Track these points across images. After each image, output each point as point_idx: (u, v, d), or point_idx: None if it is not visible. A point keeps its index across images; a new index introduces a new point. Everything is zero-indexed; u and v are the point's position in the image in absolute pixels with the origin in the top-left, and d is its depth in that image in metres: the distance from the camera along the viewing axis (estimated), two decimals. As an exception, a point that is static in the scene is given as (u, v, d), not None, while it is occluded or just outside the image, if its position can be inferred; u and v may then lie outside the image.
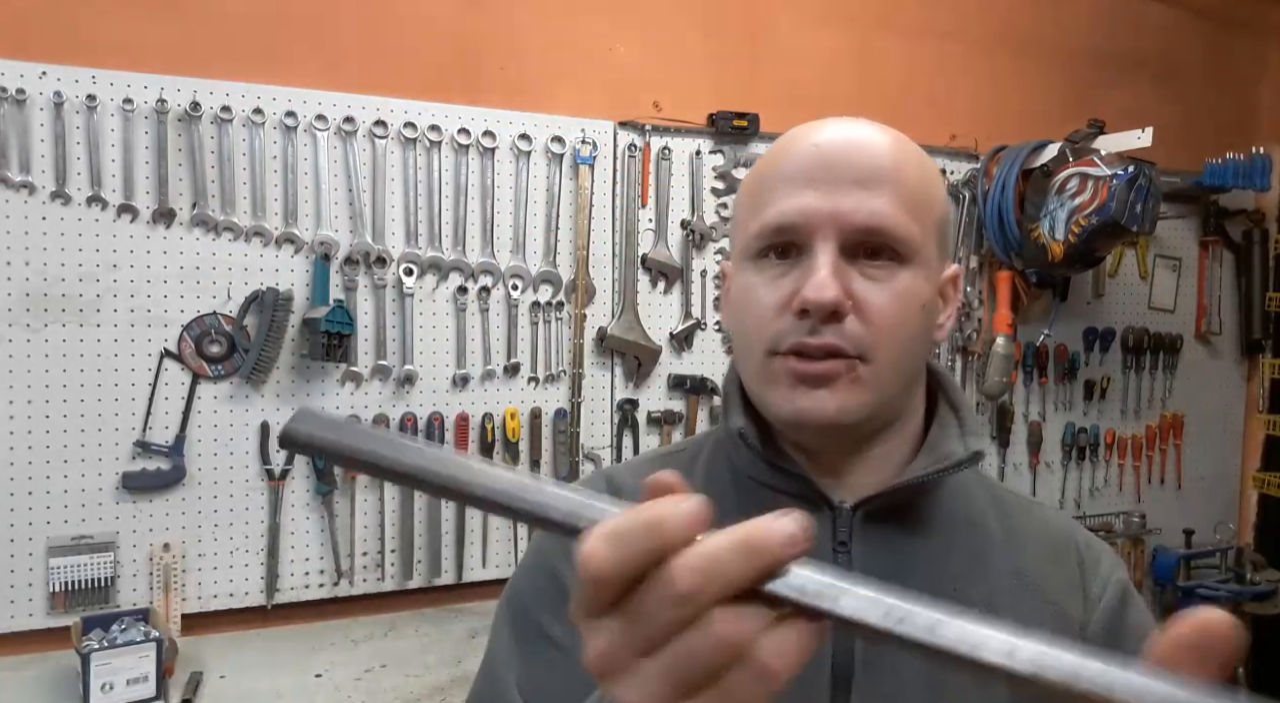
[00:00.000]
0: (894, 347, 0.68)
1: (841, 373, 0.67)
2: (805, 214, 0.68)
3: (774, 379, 0.70)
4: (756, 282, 0.70)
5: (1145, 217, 2.35)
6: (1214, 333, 3.07)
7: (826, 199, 0.67)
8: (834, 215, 0.67)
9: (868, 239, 0.68)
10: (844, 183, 0.68)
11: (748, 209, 0.73)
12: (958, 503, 0.75)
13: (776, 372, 0.69)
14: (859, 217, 0.67)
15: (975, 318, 2.70)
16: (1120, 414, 2.94)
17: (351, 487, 2.09)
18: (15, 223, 1.83)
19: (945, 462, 0.72)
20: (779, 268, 0.70)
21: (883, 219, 0.67)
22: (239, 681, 1.77)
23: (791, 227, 0.68)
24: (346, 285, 2.06)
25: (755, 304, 0.70)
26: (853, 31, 2.59)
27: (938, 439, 0.74)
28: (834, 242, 0.67)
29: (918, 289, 0.69)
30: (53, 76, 1.84)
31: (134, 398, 1.92)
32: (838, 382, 0.67)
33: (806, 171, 0.69)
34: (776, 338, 0.68)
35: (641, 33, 2.36)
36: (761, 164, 0.75)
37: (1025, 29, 2.79)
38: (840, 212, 0.67)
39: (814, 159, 0.69)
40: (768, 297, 0.69)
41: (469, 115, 2.15)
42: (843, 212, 0.67)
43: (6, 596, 1.83)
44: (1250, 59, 3.16)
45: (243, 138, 1.98)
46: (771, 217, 0.69)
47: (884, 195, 0.68)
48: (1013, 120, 2.71)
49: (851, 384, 0.68)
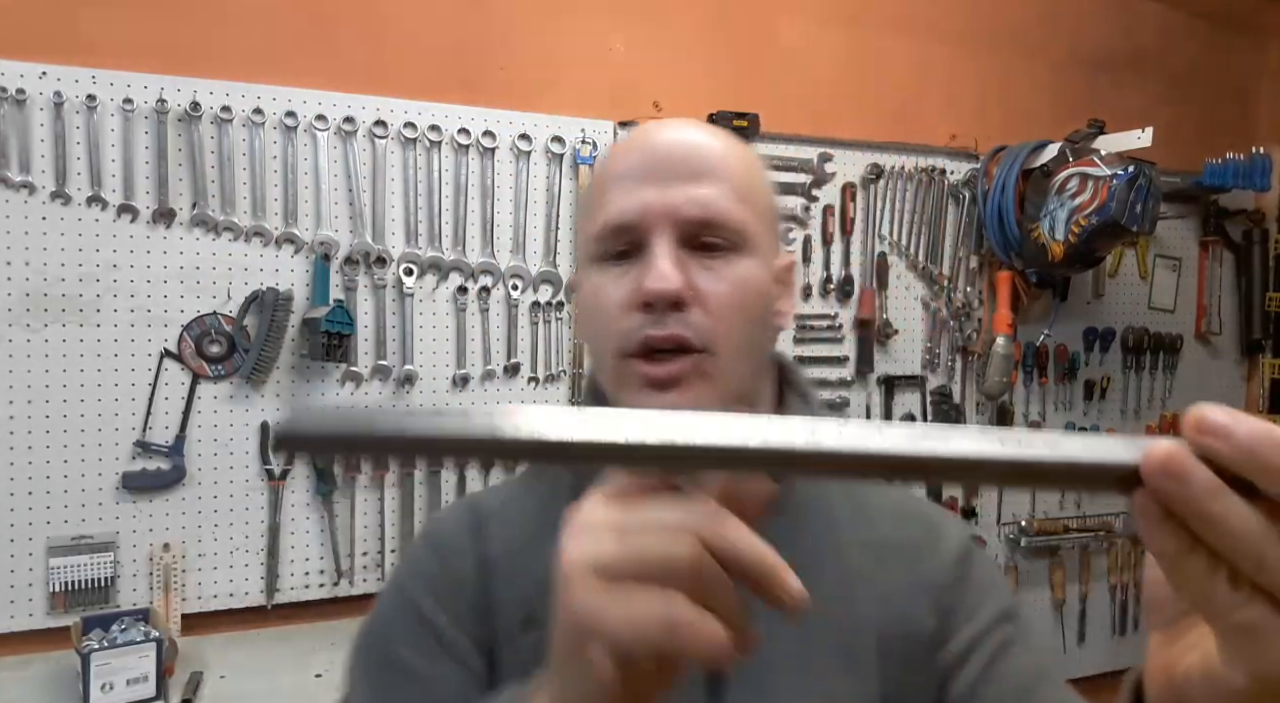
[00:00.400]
0: (737, 335, 0.70)
1: (689, 371, 0.69)
2: (640, 211, 0.70)
3: (626, 383, 0.71)
4: (601, 282, 0.72)
5: (1145, 217, 2.35)
6: (1214, 333, 3.07)
7: (660, 194, 0.70)
8: (667, 208, 0.69)
9: (703, 230, 0.70)
10: (675, 177, 0.70)
11: (586, 215, 0.75)
12: (808, 487, 0.77)
13: (628, 376, 0.70)
14: (692, 207, 0.69)
15: (975, 318, 2.70)
16: (1120, 414, 2.94)
17: (351, 487, 2.09)
18: (15, 223, 1.83)
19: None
20: (622, 267, 0.71)
21: (715, 208, 0.70)
22: (239, 681, 1.77)
23: (629, 225, 0.70)
24: (346, 285, 2.06)
25: (603, 304, 0.71)
26: (853, 31, 2.59)
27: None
28: (670, 234, 0.69)
29: (755, 277, 0.72)
30: (53, 76, 1.84)
31: (134, 398, 1.92)
32: (687, 381, 0.69)
33: (637, 171, 0.71)
34: (625, 336, 0.70)
35: (641, 33, 2.36)
36: (596, 170, 0.78)
37: (1025, 29, 2.79)
38: (674, 204, 0.69)
39: (645, 159, 0.72)
40: (613, 295, 0.71)
41: (469, 115, 2.15)
42: (676, 204, 0.69)
43: (6, 596, 1.83)
44: (1250, 59, 3.16)
45: (243, 138, 1.98)
46: (609, 217, 0.71)
47: (714, 186, 0.70)
48: (1013, 120, 2.71)
49: (700, 380, 0.69)
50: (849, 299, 2.56)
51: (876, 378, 2.60)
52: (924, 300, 2.66)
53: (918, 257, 2.63)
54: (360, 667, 0.75)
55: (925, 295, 2.66)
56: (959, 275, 2.68)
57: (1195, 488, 0.31)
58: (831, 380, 2.54)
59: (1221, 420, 0.32)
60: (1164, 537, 0.33)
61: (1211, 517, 0.32)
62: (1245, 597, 0.32)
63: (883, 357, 2.61)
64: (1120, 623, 2.96)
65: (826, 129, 2.52)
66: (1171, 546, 0.33)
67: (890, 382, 2.61)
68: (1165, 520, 0.33)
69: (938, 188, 2.64)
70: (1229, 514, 0.31)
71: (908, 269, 2.64)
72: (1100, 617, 2.94)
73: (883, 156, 2.58)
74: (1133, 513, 0.34)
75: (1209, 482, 0.32)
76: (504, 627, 0.71)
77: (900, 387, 2.63)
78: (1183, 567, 0.33)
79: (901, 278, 2.63)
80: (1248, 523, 0.32)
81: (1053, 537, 2.79)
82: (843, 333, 2.56)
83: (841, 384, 2.55)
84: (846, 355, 2.57)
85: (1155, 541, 0.33)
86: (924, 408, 2.66)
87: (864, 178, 2.56)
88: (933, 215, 2.64)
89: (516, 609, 0.71)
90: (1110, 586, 2.94)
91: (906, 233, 2.62)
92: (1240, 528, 0.31)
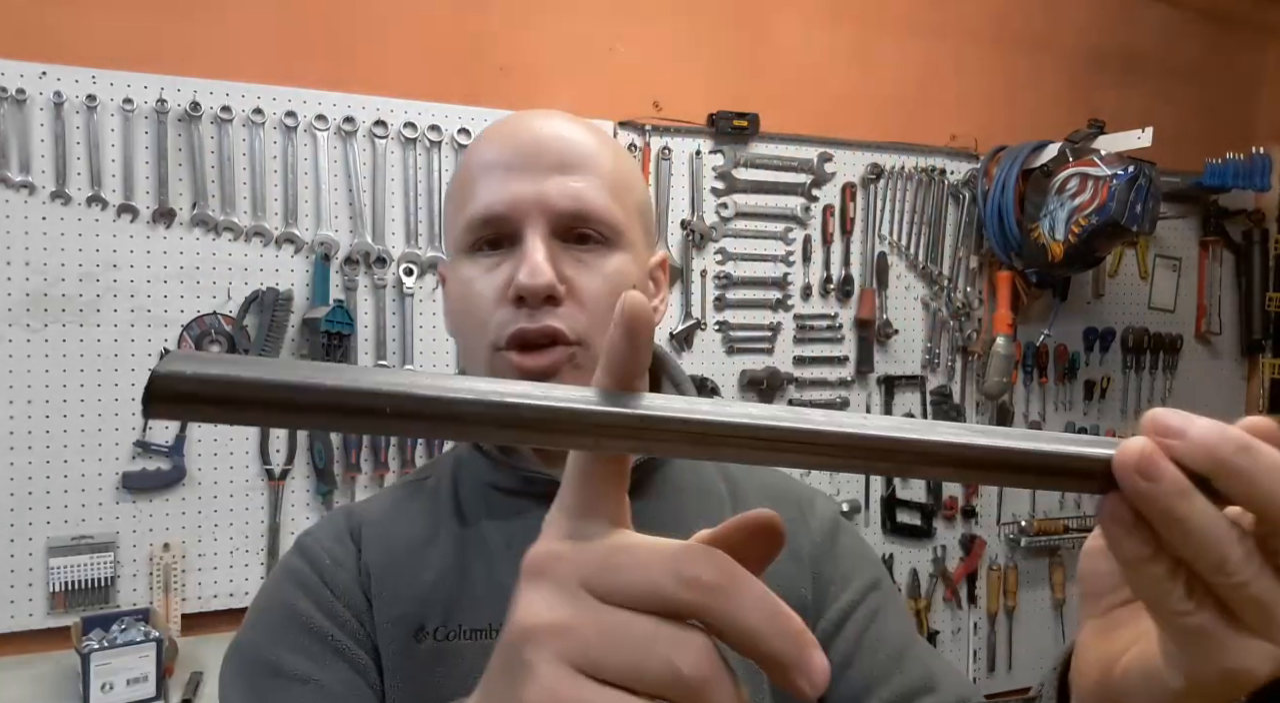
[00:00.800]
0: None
1: (563, 363, 0.68)
2: (511, 202, 0.69)
3: (500, 375, 0.69)
4: (472, 274, 0.71)
5: (1145, 217, 2.35)
6: (1214, 333, 3.07)
7: (531, 185, 0.69)
8: (539, 200, 0.68)
9: (575, 222, 0.69)
10: (546, 169, 0.69)
11: (455, 205, 0.73)
12: (687, 474, 0.78)
13: (501, 370, 0.69)
14: (565, 199, 0.69)
15: (975, 318, 2.70)
16: (1120, 414, 2.94)
17: (351, 486, 2.09)
18: (15, 223, 1.83)
19: None
20: (493, 258, 0.70)
21: (587, 201, 0.69)
22: (239, 681, 1.77)
23: (499, 217, 0.69)
24: (346, 285, 2.06)
25: (474, 297, 0.70)
26: (853, 31, 2.59)
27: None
28: (543, 226, 0.68)
29: (627, 272, 0.71)
30: (53, 76, 1.84)
31: (134, 398, 1.92)
32: (561, 374, 0.68)
33: (508, 161, 0.70)
34: (498, 329, 0.69)
35: (641, 33, 2.36)
36: (465, 158, 0.75)
37: (1025, 29, 2.79)
38: (546, 196, 0.68)
39: (515, 149, 0.71)
40: (485, 288, 0.70)
41: (469, 115, 2.15)
42: (549, 196, 0.68)
43: (6, 596, 1.83)
44: (1250, 59, 3.16)
45: (243, 138, 1.98)
46: (479, 208, 0.70)
47: (586, 179, 0.70)
48: (1013, 120, 2.71)
49: (574, 372, 0.68)
50: (849, 299, 2.56)
51: (876, 378, 2.60)
52: (924, 300, 2.66)
53: (918, 257, 2.63)
54: (239, 682, 0.70)
55: (925, 295, 2.66)
56: (959, 275, 2.68)
57: (1166, 486, 0.31)
58: (831, 381, 2.54)
59: (1177, 422, 0.32)
60: (1132, 543, 0.32)
61: (1179, 518, 0.31)
62: (1198, 602, 0.32)
63: (883, 357, 2.61)
64: (1120, 623, 2.96)
65: (826, 129, 2.52)
66: (1138, 551, 0.32)
67: (890, 382, 2.62)
68: (1135, 525, 0.32)
69: (938, 188, 2.64)
70: (1196, 514, 0.31)
71: (908, 269, 2.64)
72: (1100, 617, 2.94)
73: (883, 156, 2.58)
74: (1101, 519, 0.33)
75: (1179, 481, 0.31)
76: (390, 635, 0.69)
77: (900, 387, 2.63)
78: (1144, 571, 0.33)
79: (901, 278, 2.63)
80: (1214, 525, 0.31)
81: (1053, 537, 2.79)
82: (843, 333, 2.56)
83: (841, 384, 2.55)
84: (846, 355, 2.57)
85: (1123, 546, 0.33)
86: (924, 408, 2.66)
87: (864, 178, 2.56)
88: (933, 215, 2.64)
89: (402, 619, 0.69)
90: (1110, 586, 2.94)
91: (906, 233, 2.62)
92: (1206, 529, 0.31)
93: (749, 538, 0.34)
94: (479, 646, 0.68)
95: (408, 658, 0.68)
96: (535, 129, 0.72)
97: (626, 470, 0.34)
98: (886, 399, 2.61)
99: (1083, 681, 0.41)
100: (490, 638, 0.67)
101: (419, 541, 0.73)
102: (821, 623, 0.74)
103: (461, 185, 0.73)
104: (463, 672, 0.67)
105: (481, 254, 0.71)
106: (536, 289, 0.66)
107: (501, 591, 0.68)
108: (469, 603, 0.69)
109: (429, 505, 0.75)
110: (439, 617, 0.69)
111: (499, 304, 0.69)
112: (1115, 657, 0.39)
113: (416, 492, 0.77)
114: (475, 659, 0.67)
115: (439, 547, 0.72)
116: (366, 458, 2.09)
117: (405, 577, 0.71)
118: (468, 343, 0.73)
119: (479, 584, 0.70)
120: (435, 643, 0.68)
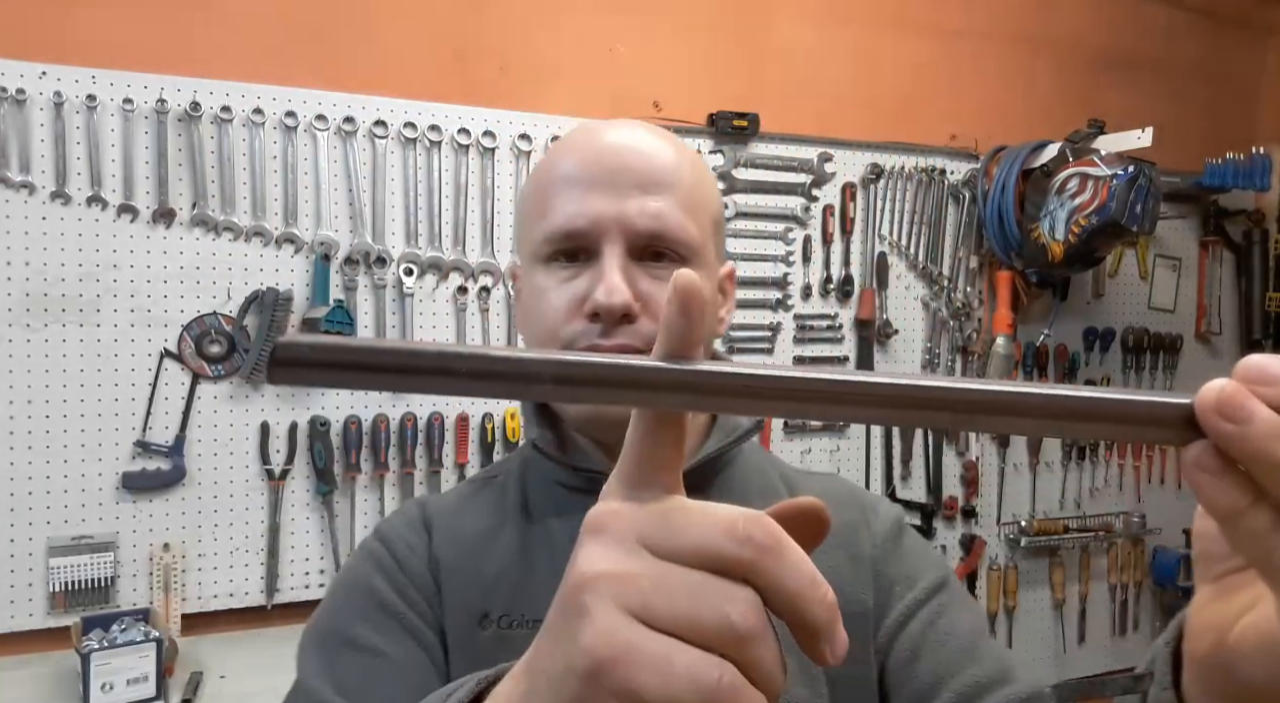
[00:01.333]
0: None
1: None
2: (591, 219, 0.70)
3: None
4: (547, 285, 0.72)
5: (1145, 217, 2.35)
6: (1214, 333, 3.07)
7: (611, 203, 0.70)
8: (619, 219, 0.69)
9: (653, 242, 0.70)
10: (627, 187, 0.70)
11: (533, 212, 0.74)
12: (751, 477, 0.79)
13: None
14: (644, 220, 0.70)
15: (975, 318, 2.70)
16: (1120, 414, 2.94)
17: (351, 487, 2.09)
18: (15, 223, 1.83)
19: (734, 434, 0.77)
20: (569, 271, 0.71)
21: (665, 222, 0.70)
22: (239, 681, 1.77)
23: (579, 232, 0.70)
24: (346, 285, 2.06)
25: (547, 308, 0.72)
26: (853, 31, 2.59)
27: (724, 417, 0.78)
28: (621, 245, 0.70)
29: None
30: (53, 76, 1.84)
31: (134, 398, 1.92)
32: None
33: (590, 176, 0.71)
34: (570, 342, 0.70)
35: (641, 33, 2.36)
36: (544, 166, 0.76)
37: (1025, 29, 2.79)
38: (626, 216, 0.70)
39: (597, 164, 0.72)
40: (558, 300, 0.71)
41: (469, 115, 2.15)
42: (628, 215, 0.70)
43: (6, 596, 1.83)
44: (1250, 59, 3.16)
45: (243, 138, 1.98)
46: (559, 221, 0.71)
47: (665, 199, 0.71)
48: (1013, 120, 2.71)
49: None
50: (849, 299, 2.56)
51: (876, 378, 2.60)
52: (924, 300, 2.66)
53: (918, 257, 2.63)
54: (314, 650, 0.72)
55: (925, 295, 2.66)
56: (959, 275, 2.68)
57: (1259, 428, 0.29)
58: (831, 380, 2.54)
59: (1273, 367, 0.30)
60: (1224, 492, 0.30)
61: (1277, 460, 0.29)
62: None
63: (883, 357, 2.61)
64: (1120, 623, 2.96)
65: (826, 129, 2.52)
66: (1231, 501, 0.30)
67: (890, 382, 2.61)
68: (1224, 473, 0.30)
69: (938, 188, 2.64)
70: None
71: (908, 269, 2.64)
72: (1100, 617, 2.94)
73: (883, 156, 2.58)
74: (1186, 468, 0.31)
75: (1274, 422, 0.29)
76: (456, 620, 0.72)
77: (900, 387, 2.63)
78: (1243, 524, 0.31)
79: (901, 278, 2.63)
80: None
81: (1053, 537, 2.79)
82: (843, 333, 2.56)
83: (841, 384, 2.55)
84: (846, 355, 2.57)
85: (1213, 496, 0.31)
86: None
87: (864, 178, 2.56)
88: (933, 215, 2.64)
89: (467, 606, 0.72)
90: (1110, 585, 2.94)
91: (906, 233, 2.62)
92: None
93: (797, 520, 0.36)
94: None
95: (471, 643, 0.71)
96: (618, 144, 0.73)
97: (682, 442, 0.35)
98: (886, 399, 2.61)
99: (1195, 649, 0.39)
100: None
101: (486, 532, 0.75)
102: (886, 622, 0.73)
103: (540, 194, 0.74)
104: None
105: (557, 265, 0.72)
106: (613, 308, 0.68)
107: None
108: (532, 594, 0.71)
109: (497, 500, 0.78)
110: (502, 606, 0.71)
111: (572, 317, 0.70)
112: (1230, 623, 0.37)
113: (485, 487, 0.80)
114: None
115: (504, 539, 0.75)
116: (366, 458, 2.09)
117: (472, 566, 0.73)
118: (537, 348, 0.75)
119: (542, 576, 0.71)
120: (499, 630, 0.71)
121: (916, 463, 2.66)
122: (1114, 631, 2.96)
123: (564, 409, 0.75)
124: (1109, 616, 2.95)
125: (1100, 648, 2.93)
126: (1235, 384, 0.30)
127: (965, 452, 2.73)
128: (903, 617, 0.74)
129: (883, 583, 0.75)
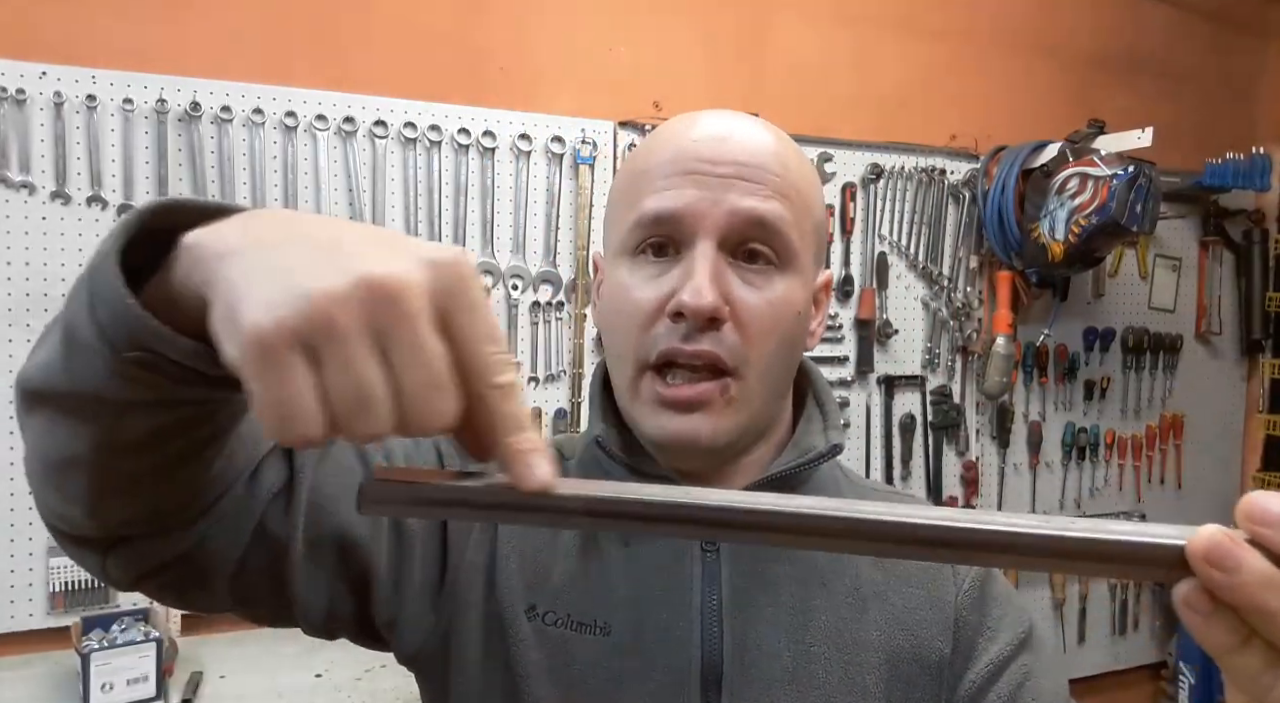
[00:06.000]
0: (767, 358, 0.66)
1: (714, 395, 0.65)
2: (687, 206, 0.64)
3: (641, 397, 0.67)
4: (631, 281, 0.67)
5: (1145, 217, 2.35)
6: (1214, 333, 3.07)
7: (709, 192, 0.64)
8: (716, 214, 0.64)
9: (748, 237, 0.65)
10: (727, 176, 0.65)
11: (624, 201, 0.69)
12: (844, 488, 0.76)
13: (644, 393, 0.67)
14: (742, 214, 0.64)
15: (975, 318, 2.70)
16: (1120, 414, 2.94)
17: (351, 487, 2.08)
18: (15, 223, 1.82)
19: (807, 455, 0.71)
20: (656, 267, 0.66)
21: (766, 219, 0.65)
22: (239, 681, 1.77)
23: (671, 218, 0.65)
24: (346, 285, 2.06)
25: (628, 305, 0.66)
26: (853, 31, 2.59)
27: (802, 434, 0.74)
28: (714, 239, 0.64)
29: (793, 297, 0.67)
30: (53, 76, 1.84)
31: (134, 398, 1.91)
32: (710, 405, 0.65)
33: (687, 164, 0.65)
34: (650, 344, 0.65)
35: (641, 33, 2.36)
36: (639, 155, 0.71)
37: (1025, 29, 2.79)
38: (723, 211, 0.64)
39: (697, 151, 0.66)
40: (642, 298, 0.66)
41: (469, 115, 2.15)
42: (725, 211, 0.64)
43: (6, 596, 1.83)
44: (1250, 59, 3.16)
45: (243, 138, 1.98)
46: (649, 207, 0.65)
47: (768, 192, 0.65)
48: (1013, 120, 2.71)
49: (726, 406, 0.65)
50: (849, 299, 2.56)
51: (876, 378, 2.60)
52: (924, 300, 2.66)
53: (918, 257, 2.63)
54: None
55: (925, 295, 2.66)
56: (959, 275, 2.68)
57: (1247, 577, 0.29)
58: (831, 381, 2.54)
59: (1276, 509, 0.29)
60: (1212, 632, 0.30)
61: (1266, 610, 0.29)
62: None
63: (883, 357, 2.61)
64: (1120, 623, 2.97)
65: (826, 129, 2.52)
66: (1220, 641, 0.30)
67: (890, 382, 2.62)
68: (1213, 613, 0.30)
69: (938, 188, 2.64)
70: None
71: (908, 269, 2.64)
72: (1100, 617, 2.94)
73: (883, 156, 2.58)
74: (1176, 605, 0.31)
75: (1263, 571, 0.29)
76: (509, 603, 0.70)
77: (900, 387, 2.63)
78: (1236, 663, 0.30)
79: (901, 278, 2.63)
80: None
81: (1053, 537, 2.79)
82: (843, 333, 2.56)
83: (841, 384, 2.55)
84: (846, 355, 2.57)
85: (1202, 636, 0.30)
86: (924, 408, 2.66)
87: (864, 178, 2.56)
88: (933, 215, 2.64)
89: (519, 592, 0.70)
90: (1110, 585, 2.94)
91: (906, 233, 2.62)
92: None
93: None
94: (582, 639, 0.68)
95: (515, 629, 0.69)
96: (720, 132, 0.67)
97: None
98: (886, 399, 2.61)
99: None
100: (594, 634, 0.68)
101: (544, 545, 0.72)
102: (966, 677, 0.70)
103: (633, 181, 0.69)
104: (564, 659, 0.67)
105: (644, 258, 0.67)
106: (700, 310, 0.62)
107: (611, 590, 0.69)
108: (579, 595, 0.69)
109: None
110: (548, 601, 0.69)
111: (655, 317, 0.65)
112: None
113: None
114: (576, 649, 0.67)
115: (563, 536, 0.72)
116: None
117: (529, 556, 0.71)
118: (616, 350, 0.70)
119: (592, 579, 0.70)
120: (543, 625, 0.69)
121: (916, 463, 2.66)
122: (1114, 631, 2.96)
123: (637, 423, 0.70)
124: (1109, 616, 2.95)
125: (1100, 648, 2.93)
126: (1225, 532, 0.30)
127: (965, 452, 2.73)
128: (984, 679, 0.69)
129: (964, 633, 0.71)
